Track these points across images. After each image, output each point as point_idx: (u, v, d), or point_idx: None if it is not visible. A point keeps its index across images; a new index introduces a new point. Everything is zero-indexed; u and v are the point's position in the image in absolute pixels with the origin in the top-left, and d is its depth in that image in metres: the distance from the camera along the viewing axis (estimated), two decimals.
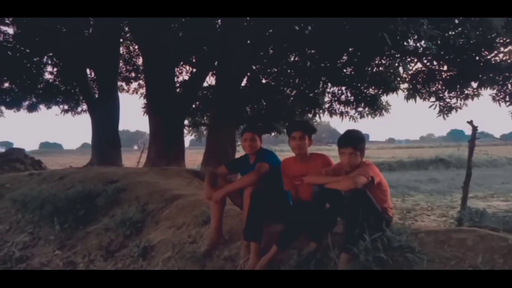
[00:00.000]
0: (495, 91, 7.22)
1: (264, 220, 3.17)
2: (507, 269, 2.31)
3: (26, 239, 5.05)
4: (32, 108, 12.00)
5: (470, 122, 5.46)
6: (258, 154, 3.50)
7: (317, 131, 3.77)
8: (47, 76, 11.50)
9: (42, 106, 12.13)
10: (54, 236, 4.89)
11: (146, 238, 4.15)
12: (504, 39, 6.20)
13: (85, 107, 11.92)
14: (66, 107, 12.39)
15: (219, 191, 3.33)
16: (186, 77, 10.24)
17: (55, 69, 11.39)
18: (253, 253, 3.03)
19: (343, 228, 2.83)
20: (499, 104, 7.24)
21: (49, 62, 11.06)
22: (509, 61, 6.57)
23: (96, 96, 10.63)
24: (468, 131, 5.57)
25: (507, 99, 7.10)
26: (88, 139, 10.57)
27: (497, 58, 6.62)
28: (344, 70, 7.80)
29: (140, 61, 11.53)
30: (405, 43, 6.26)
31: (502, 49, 6.54)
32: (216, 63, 8.19)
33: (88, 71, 10.86)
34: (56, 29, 8.64)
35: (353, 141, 2.90)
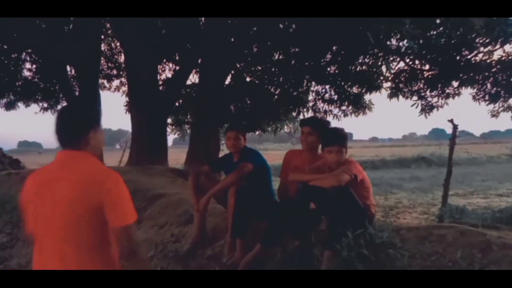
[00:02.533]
0: (475, 90, 7.36)
1: (249, 217, 3.17)
2: (485, 263, 2.36)
3: (4, 240, 4.93)
4: (10, 106, 11.68)
5: (451, 121, 5.56)
6: (242, 153, 3.49)
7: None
8: (26, 73, 11.21)
9: (20, 104, 11.83)
10: None
11: None
12: (484, 39, 6.32)
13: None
14: (45, 105, 12.08)
15: (203, 199, 3.31)
16: (169, 75, 10.14)
17: (34, 66, 11.12)
18: (239, 249, 3.05)
19: (326, 225, 2.85)
20: (479, 103, 7.39)
21: (28, 58, 10.79)
22: (488, 61, 6.71)
23: (77, 93, 10.43)
24: (449, 129, 5.68)
25: (487, 98, 7.24)
26: None
27: (477, 58, 6.74)
28: (328, 69, 7.85)
29: (122, 58, 11.35)
30: (388, 42, 6.34)
31: (482, 49, 6.66)
32: (199, 61, 8.14)
33: (68, 68, 10.64)
34: (35, 25, 8.45)
35: (340, 139, 2.93)
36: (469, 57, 6.68)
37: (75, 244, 1.58)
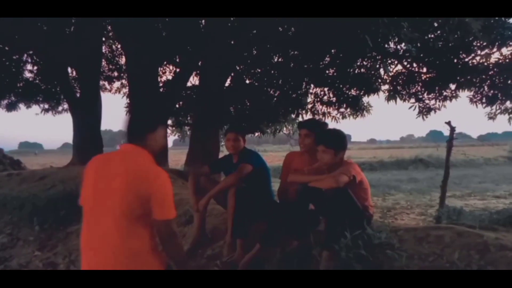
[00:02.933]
0: (472, 93, 7.41)
1: (249, 218, 3.21)
2: (483, 264, 2.40)
3: (5, 240, 4.94)
4: (11, 107, 11.70)
5: (448, 123, 5.60)
6: (241, 154, 3.52)
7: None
8: (27, 74, 11.24)
9: (21, 105, 11.85)
10: (33, 237, 4.80)
11: None
12: (481, 42, 6.38)
13: (66, 106, 11.68)
14: (46, 106, 12.11)
15: (203, 200, 3.34)
16: (170, 77, 10.17)
17: (35, 68, 11.14)
18: (239, 248, 3.10)
19: (324, 226, 2.88)
20: (476, 105, 7.44)
21: (29, 60, 10.81)
22: (485, 63, 6.76)
23: (78, 95, 10.45)
24: (446, 132, 5.70)
25: (484, 100, 7.29)
26: (70, 139, 10.39)
27: (474, 60, 6.79)
28: (327, 71, 7.88)
29: (123, 60, 11.38)
30: (386, 45, 6.38)
31: (479, 52, 6.72)
32: (200, 63, 8.17)
33: (69, 70, 10.66)
34: (36, 27, 8.47)
35: (328, 139, 2.99)
36: (466, 60, 6.74)
37: (126, 220, 1.83)
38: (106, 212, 1.84)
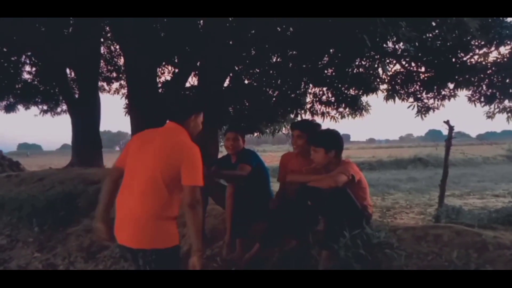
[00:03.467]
0: (470, 92, 7.42)
1: (248, 218, 3.21)
2: (481, 262, 2.40)
3: (4, 241, 4.94)
4: (9, 108, 11.70)
5: (447, 122, 5.59)
6: (240, 154, 3.52)
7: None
8: (26, 75, 11.25)
9: (20, 107, 11.85)
10: (33, 238, 4.79)
11: None
12: (479, 41, 6.39)
13: (65, 107, 11.69)
14: (45, 107, 12.12)
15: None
16: (169, 77, 10.17)
17: (34, 69, 11.15)
18: (239, 248, 3.13)
19: (323, 226, 2.89)
20: (475, 104, 7.45)
21: (28, 61, 10.81)
22: (484, 63, 6.77)
23: (77, 96, 10.44)
24: (445, 131, 5.70)
25: (482, 99, 7.30)
26: (68, 140, 10.37)
27: (472, 60, 6.80)
28: (325, 71, 7.89)
29: (121, 61, 11.38)
30: (384, 45, 6.38)
31: (477, 51, 6.73)
32: (198, 64, 8.17)
33: (68, 71, 10.66)
34: (34, 28, 8.47)
35: (316, 139, 3.03)
36: (464, 59, 6.74)
37: (159, 185, 2.07)
38: (143, 176, 2.09)
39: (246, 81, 8.79)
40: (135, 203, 2.08)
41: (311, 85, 8.55)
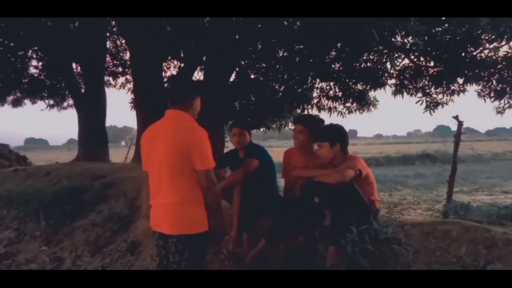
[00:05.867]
0: (480, 87, 7.32)
1: (255, 213, 3.19)
2: (490, 259, 2.36)
3: (12, 235, 4.98)
4: (16, 103, 11.78)
5: (456, 117, 5.53)
6: (248, 149, 3.50)
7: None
8: (32, 70, 11.30)
9: (27, 101, 11.92)
10: (40, 232, 4.83)
11: (134, 233, 4.12)
12: (489, 35, 6.28)
13: (71, 102, 11.74)
14: (51, 102, 12.18)
15: None
16: (174, 72, 10.17)
17: (40, 64, 11.20)
18: (245, 242, 3.10)
19: (330, 221, 2.86)
20: (484, 100, 7.35)
21: (34, 56, 10.86)
22: (494, 57, 6.67)
23: (83, 91, 10.48)
24: (454, 126, 5.64)
25: (492, 95, 7.20)
26: (75, 135, 10.42)
27: (482, 54, 6.70)
28: (333, 66, 7.83)
29: (127, 55, 11.39)
30: (392, 39, 6.30)
31: (487, 45, 6.62)
32: (204, 58, 8.15)
33: (74, 65, 10.70)
34: (41, 23, 8.49)
35: (320, 134, 3.00)
36: (474, 53, 6.64)
37: (179, 169, 2.16)
38: (161, 166, 2.18)
39: (252, 76, 8.76)
40: (161, 193, 2.21)
41: (318, 80, 8.50)
